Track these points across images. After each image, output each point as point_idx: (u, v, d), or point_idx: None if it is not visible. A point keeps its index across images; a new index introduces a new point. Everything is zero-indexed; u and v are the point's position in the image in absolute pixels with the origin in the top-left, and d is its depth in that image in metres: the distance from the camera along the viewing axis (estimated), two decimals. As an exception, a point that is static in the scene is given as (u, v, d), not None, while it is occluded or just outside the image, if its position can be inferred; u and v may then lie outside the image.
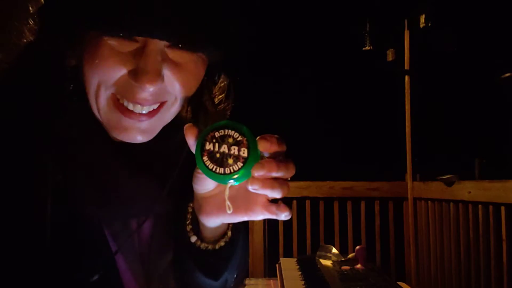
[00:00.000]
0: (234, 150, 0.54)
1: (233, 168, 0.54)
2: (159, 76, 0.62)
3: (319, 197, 3.18)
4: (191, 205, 0.70)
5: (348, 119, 4.10)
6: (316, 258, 2.05)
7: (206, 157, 0.55)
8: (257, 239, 3.16)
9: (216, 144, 0.54)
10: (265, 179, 0.56)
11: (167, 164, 0.73)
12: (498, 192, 2.22)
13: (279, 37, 3.90)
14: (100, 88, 0.64)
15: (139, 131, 0.66)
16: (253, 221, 3.18)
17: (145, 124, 0.66)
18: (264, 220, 3.24)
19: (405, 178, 3.14)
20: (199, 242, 0.70)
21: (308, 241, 3.15)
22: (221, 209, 0.63)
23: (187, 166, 0.68)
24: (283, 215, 0.60)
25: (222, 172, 0.54)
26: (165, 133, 0.72)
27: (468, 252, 2.45)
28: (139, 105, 0.64)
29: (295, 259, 2.09)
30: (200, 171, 0.59)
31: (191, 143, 0.58)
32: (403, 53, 3.08)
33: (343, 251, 2.53)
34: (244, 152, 0.54)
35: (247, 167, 0.54)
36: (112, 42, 0.62)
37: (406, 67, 3.08)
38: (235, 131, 0.55)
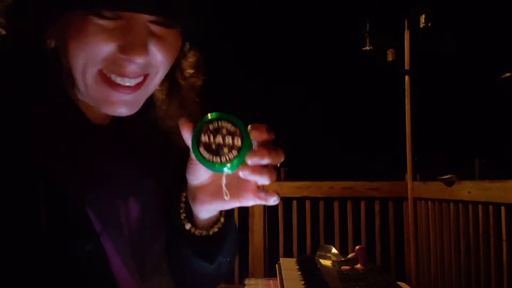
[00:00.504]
0: (229, 140, 0.58)
1: (228, 157, 0.58)
2: (146, 49, 0.66)
3: (319, 197, 3.18)
4: (184, 194, 0.73)
5: (348, 119, 4.10)
6: (316, 258, 2.05)
7: (202, 148, 0.59)
8: (257, 239, 3.16)
9: (211, 136, 0.58)
10: (255, 166, 0.60)
11: (145, 142, 0.76)
12: (498, 192, 2.22)
13: (279, 37, 3.91)
14: (87, 65, 0.66)
15: (126, 104, 0.69)
16: (253, 221, 3.18)
17: (130, 96, 0.69)
18: (264, 220, 3.25)
19: (405, 178, 3.14)
20: (193, 229, 0.73)
21: (308, 241, 3.16)
22: (215, 197, 0.67)
23: (165, 144, 0.74)
24: (272, 200, 0.64)
25: (219, 161, 0.59)
26: (141, 111, 0.75)
27: (468, 252, 2.45)
28: (126, 78, 0.68)
29: (295, 259, 2.09)
30: (193, 161, 0.63)
31: (186, 136, 0.61)
32: (403, 53, 3.08)
33: (343, 251, 2.53)
34: (238, 142, 0.58)
35: (241, 155, 0.58)
36: (98, 20, 0.64)
37: (406, 67, 3.08)
38: (228, 122, 0.59)
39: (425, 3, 2.96)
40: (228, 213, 0.75)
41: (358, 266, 1.90)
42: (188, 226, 0.72)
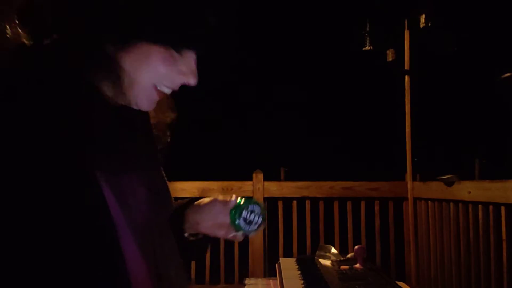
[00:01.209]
0: (255, 218, 0.93)
1: (253, 228, 0.93)
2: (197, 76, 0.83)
3: (319, 197, 3.18)
4: (185, 212, 0.96)
5: (348, 119, 4.10)
6: (316, 258, 2.05)
7: (241, 220, 0.92)
8: (257, 239, 3.16)
9: (248, 214, 0.92)
10: None
11: (147, 128, 0.92)
12: (498, 192, 2.22)
13: (279, 37, 3.91)
14: (149, 81, 0.80)
15: (155, 103, 0.85)
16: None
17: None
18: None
19: (405, 178, 3.14)
20: (190, 237, 0.98)
21: (308, 241, 3.15)
22: (208, 230, 0.96)
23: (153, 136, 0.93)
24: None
25: (247, 230, 0.93)
26: None
27: (468, 252, 2.45)
28: (171, 90, 0.83)
29: (295, 259, 2.10)
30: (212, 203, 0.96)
31: (231, 206, 0.92)
32: (403, 53, 3.08)
33: (343, 251, 2.53)
34: (260, 220, 0.94)
35: (260, 227, 0.94)
36: (170, 51, 0.79)
37: (406, 67, 3.07)
38: (259, 208, 0.94)
39: (425, 3, 2.96)
40: None
41: (357, 265, 1.90)
42: (186, 234, 0.97)
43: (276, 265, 2.01)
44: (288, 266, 1.94)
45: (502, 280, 2.17)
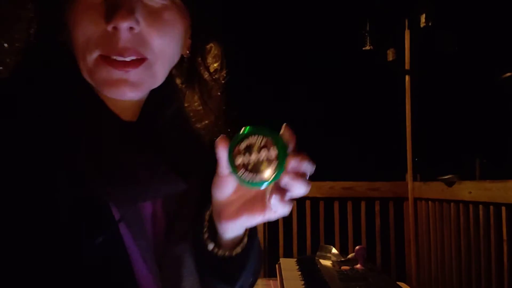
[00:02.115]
0: (264, 153, 0.56)
1: (270, 172, 0.57)
2: (132, 13, 0.63)
3: (319, 197, 3.17)
4: (208, 212, 0.71)
5: (348, 119, 4.10)
6: (316, 258, 2.05)
7: (242, 171, 0.57)
8: (257, 239, 3.15)
9: (246, 156, 0.57)
10: (295, 172, 0.58)
11: (174, 141, 0.74)
12: (499, 192, 2.21)
13: (279, 37, 3.90)
14: (86, 48, 0.65)
15: (128, 84, 0.66)
16: (253, 221, 3.17)
17: (131, 75, 0.66)
18: (264, 220, 3.23)
19: (405, 178, 3.13)
20: (216, 249, 0.71)
21: (308, 241, 3.15)
22: (241, 212, 0.65)
23: (192, 146, 0.74)
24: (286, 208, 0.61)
25: (263, 178, 0.57)
26: (161, 104, 0.74)
27: (469, 253, 2.44)
28: (121, 57, 0.65)
29: (295, 259, 2.09)
30: (221, 176, 0.62)
31: (224, 158, 0.60)
32: (404, 53, 3.07)
33: (343, 251, 2.52)
34: (274, 150, 0.56)
35: (281, 164, 0.56)
36: None
37: (407, 66, 3.07)
38: (256, 136, 0.57)
39: (425, 2, 2.95)
40: (252, 234, 0.72)
41: (358, 266, 1.89)
42: (211, 246, 0.70)
43: (276, 265, 2.01)
44: (288, 266, 1.94)
45: (503, 280, 2.16)
